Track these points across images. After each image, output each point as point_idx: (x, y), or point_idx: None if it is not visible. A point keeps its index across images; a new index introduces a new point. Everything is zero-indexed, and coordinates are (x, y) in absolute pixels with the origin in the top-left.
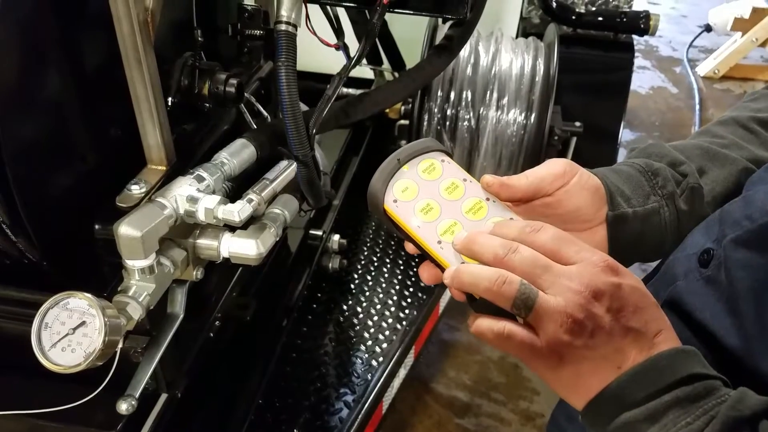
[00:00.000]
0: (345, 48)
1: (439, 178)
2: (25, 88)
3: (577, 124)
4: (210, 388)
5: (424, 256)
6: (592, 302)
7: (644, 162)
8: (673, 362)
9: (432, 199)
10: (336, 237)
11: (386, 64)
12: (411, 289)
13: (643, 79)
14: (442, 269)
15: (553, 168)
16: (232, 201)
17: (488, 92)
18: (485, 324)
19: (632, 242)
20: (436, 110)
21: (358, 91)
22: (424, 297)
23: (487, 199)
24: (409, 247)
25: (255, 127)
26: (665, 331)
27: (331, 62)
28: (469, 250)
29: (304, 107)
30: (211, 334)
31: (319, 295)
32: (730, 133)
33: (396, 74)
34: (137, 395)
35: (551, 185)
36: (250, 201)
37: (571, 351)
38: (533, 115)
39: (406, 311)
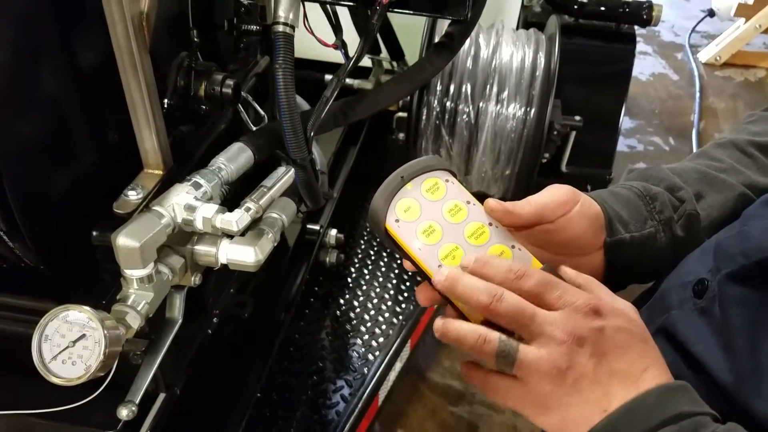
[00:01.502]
0: (343, 46)
1: (442, 199)
2: (21, 91)
3: (577, 118)
4: (209, 384)
5: (422, 277)
6: (575, 350)
7: (642, 186)
8: (660, 401)
9: (434, 221)
10: (333, 232)
11: (384, 53)
12: (408, 283)
13: (644, 66)
14: (441, 294)
15: (556, 196)
16: (230, 204)
17: (488, 86)
18: (476, 375)
19: (629, 266)
20: (435, 103)
21: (355, 81)
22: None
23: (490, 224)
24: (408, 265)
25: (252, 125)
26: (652, 367)
27: (330, 50)
28: (453, 292)
29: (302, 101)
30: (210, 332)
31: (317, 289)
32: (728, 157)
33: (394, 63)
34: (137, 401)
35: (554, 213)
36: (248, 210)
37: (555, 399)
38: (533, 110)
39: (403, 305)
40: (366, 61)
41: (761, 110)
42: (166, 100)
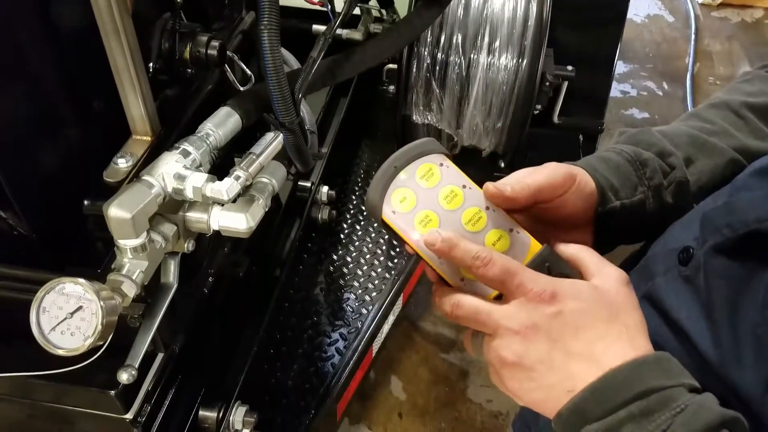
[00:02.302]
0: (330, 2)
1: (437, 185)
2: (1, 62)
3: (569, 68)
4: (207, 341)
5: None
6: (529, 337)
7: (633, 150)
8: (629, 377)
9: (430, 210)
10: (325, 189)
11: (373, 1)
12: None
13: (639, 7)
14: (443, 280)
15: (553, 178)
16: (219, 169)
17: (479, 36)
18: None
19: (617, 232)
20: (426, 54)
21: (344, 31)
22: None
23: (487, 208)
24: (409, 249)
25: (239, 85)
26: (616, 344)
27: None
28: (438, 306)
29: (289, 56)
30: (206, 291)
31: (310, 245)
32: (721, 119)
33: (383, 12)
34: (137, 365)
35: (550, 194)
36: (237, 178)
37: (517, 385)
38: (525, 62)
39: (395, 260)
40: (355, 9)
41: (757, 68)
42: (151, 65)
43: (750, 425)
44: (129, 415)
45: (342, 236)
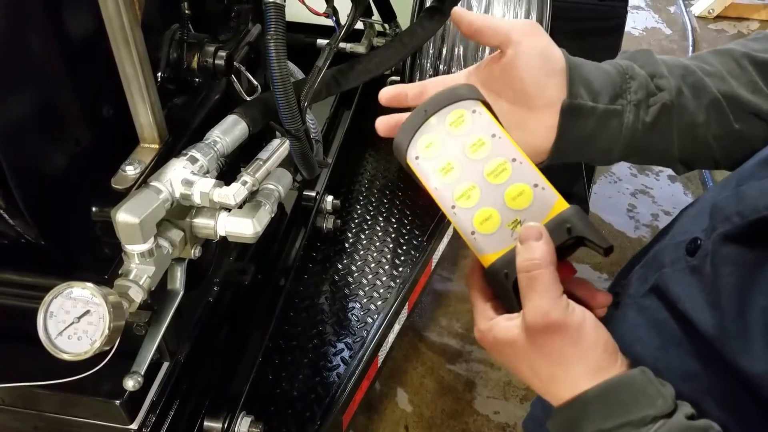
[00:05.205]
0: (334, 13)
1: (465, 133)
2: (14, 69)
3: None
4: (213, 349)
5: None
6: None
7: (627, 64)
8: (564, 426)
9: (454, 159)
10: (329, 198)
11: (376, 15)
12: (404, 248)
13: (637, 20)
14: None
15: (514, 22)
16: (226, 175)
17: (480, 48)
18: None
19: (581, 139)
20: (428, 66)
21: (348, 45)
22: (417, 255)
23: (513, 160)
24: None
25: (245, 95)
26: (545, 393)
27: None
28: None
29: (294, 69)
30: (211, 300)
31: (314, 254)
32: (720, 64)
33: (386, 26)
34: (143, 372)
35: (506, 37)
36: (244, 183)
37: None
38: None
39: (400, 269)
40: (358, 24)
41: None
42: (159, 74)
43: (761, 412)
44: (134, 426)
45: (347, 245)
